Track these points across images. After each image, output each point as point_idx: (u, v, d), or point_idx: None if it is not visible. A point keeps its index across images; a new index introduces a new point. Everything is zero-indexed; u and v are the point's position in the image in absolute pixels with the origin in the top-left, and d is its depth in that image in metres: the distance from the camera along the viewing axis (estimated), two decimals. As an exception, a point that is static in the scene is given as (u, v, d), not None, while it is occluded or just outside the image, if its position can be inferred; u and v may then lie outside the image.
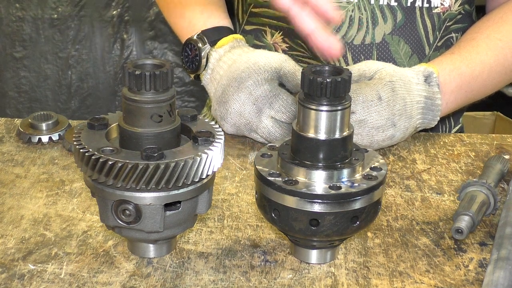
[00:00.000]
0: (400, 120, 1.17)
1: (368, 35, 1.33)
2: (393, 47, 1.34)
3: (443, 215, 1.02)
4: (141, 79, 0.81)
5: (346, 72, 0.83)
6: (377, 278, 0.87)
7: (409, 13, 1.33)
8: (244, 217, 1.00)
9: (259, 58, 1.22)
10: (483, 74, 1.28)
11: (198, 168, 0.81)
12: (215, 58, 1.28)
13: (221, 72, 1.26)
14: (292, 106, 1.17)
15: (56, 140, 1.20)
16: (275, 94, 1.18)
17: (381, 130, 1.15)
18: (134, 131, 0.83)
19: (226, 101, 1.21)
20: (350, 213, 0.83)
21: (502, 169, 1.11)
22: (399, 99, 1.16)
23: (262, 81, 1.19)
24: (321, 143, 0.83)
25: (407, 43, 1.34)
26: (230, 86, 1.21)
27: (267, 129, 1.18)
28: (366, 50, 1.33)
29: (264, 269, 0.88)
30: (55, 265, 0.88)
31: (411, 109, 1.18)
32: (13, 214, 0.99)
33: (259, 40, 1.39)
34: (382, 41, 1.33)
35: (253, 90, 1.18)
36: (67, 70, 2.90)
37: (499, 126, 2.82)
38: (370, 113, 1.14)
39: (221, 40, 1.29)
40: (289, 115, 1.17)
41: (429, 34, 1.35)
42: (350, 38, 1.33)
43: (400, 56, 1.35)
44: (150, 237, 0.86)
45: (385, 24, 1.32)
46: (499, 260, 0.86)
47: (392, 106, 1.15)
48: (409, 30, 1.34)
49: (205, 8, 1.37)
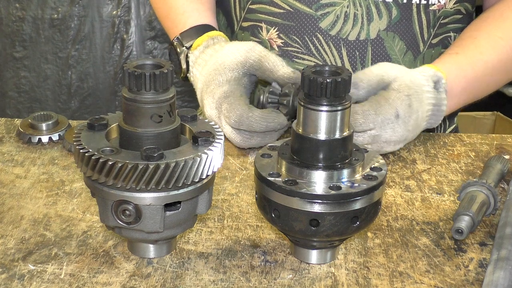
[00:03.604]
0: (410, 133, 1.18)
1: (363, 31, 1.33)
2: (388, 44, 1.34)
3: (443, 215, 1.02)
4: (141, 79, 0.81)
5: (346, 72, 0.83)
6: (377, 278, 0.87)
7: (405, 10, 1.33)
8: (244, 217, 1.00)
9: (226, 57, 1.22)
10: (486, 75, 1.28)
11: (198, 168, 0.81)
12: (192, 60, 1.29)
13: (197, 75, 1.27)
14: (235, 110, 1.14)
15: (56, 140, 1.20)
16: (226, 96, 1.17)
17: (393, 144, 1.16)
18: (134, 131, 0.83)
19: (203, 105, 1.23)
20: (350, 213, 0.83)
21: (502, 169, 1.11)
22: (414, 113, 1.16)
23: (223, 82, 1.19)
24: (321, 143, 0.83)
25: (402, 39, 1.35)
26: (202, 90, 1.23)
27: (228, 135, 1.17)
28: (360, 46, 1.34)
29: (264, 269, 0.88)
30: (55, 265, 0.88)
31: (422, 119, 1.19)
32: (13, 214, 0.99)
33: (255, 36, 1.40)
34: (377, 37, 1.34)
35: (215, 94, 1.19)
36: (67, 70, 2.90)
37: (499, 126, 2.82)
38: (386, 129, 1.14)
39: (196, 41, 1.30)
40: (232, 119, 1.14)
41: (424, 31, 1.35)
42: (345, 34, 1.33)
43: (395, 52, 1.35)
44: (150, 237, 0.86)
45: (380, 20, 1.33)
46: (499, 260, 0.86)
47: (407, 123, 1.15)
48: (404, 26, 1.34)
49: (186, 8, 1.38)
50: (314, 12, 1.33)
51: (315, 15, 1.33)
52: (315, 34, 1.34)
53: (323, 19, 1.33)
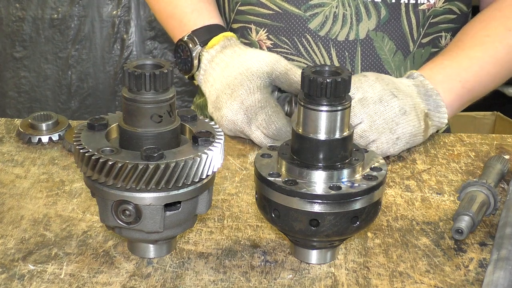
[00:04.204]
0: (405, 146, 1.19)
1: (352, 31, 1.33)
2: (377, 43, 1.34)
3: (443, 215, 1.02)
4: (141, 79, 0.81)
5: (346, 72, 0.83)
6: (377, 278, 0.87)
7: (394, 10, 1.33)
8: (244, 217, 1.00)
9: (251, 62, 1.22)
10: (480, 83, 1.29)
11: (198, 168, 0.81)
12: (207, 59, 1.28)
13: (214, 75, 1.26)
14: (275, 123, 1.16)
15: (56, 140, 1.20)
16: (262, 106, 1.18)
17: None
18: (134, 131, 0.83)
19: (220, 107, 1.21)
20: (350, 213, 0.83)
21: (502, 169, 1.11)
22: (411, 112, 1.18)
23: (254, 89, 1.19)
24: (321, 143, 0.83)
25: (391, 39, 1.35)
26: (223, 93, 1.21)
27: (258, 140, 1.18)
28: (350, 46, 1.34)
29: (264, 269, 0.88)
30: (55, 265, 0.88)
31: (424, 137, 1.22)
32: (13, 214, 0.99)
33: (244, 38, 1.39)
34: (366, 37, 1.34)
35: (244, 99, 1.19)
36: (67, 70, 2.90)
37: (499, 126, 2.82)
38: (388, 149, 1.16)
39: (211, 40, 1.29)
40: (270, 131, 1.16)
41: (413, 30, 1.35)
42: (334, 34, 1.33)
43: (384, 52, 1.35)
44: (150, 237, 0.86)
45: (369, 20, 1.33)
46: (499, 260, 0.86)
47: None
48: (393, 26, 1.34)
49: (195, 7, 1.37)
50: (303, 13, 1.33)
51: (304, 16, 1.33)
52: (304, 35, 1.34)
53: (312, 20, 1.33)
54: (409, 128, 1.16)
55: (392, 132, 1.13)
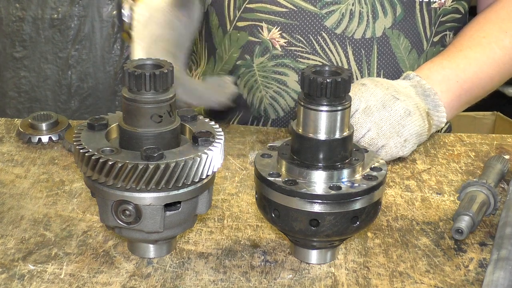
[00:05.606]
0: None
1: (368, 29, 1.33)
2: (393, 42, 1.34)
3: (443, 215, 1.02)
4: (141, 79, 0.81)
5: (346, 72, 0.83)
6: (377, 278, 0.87)
7: (409, 7, 1.33)
8: (244, 217, 1.00)
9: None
10: (478, 84, 1.30)
11: (198, 168, 0.81)
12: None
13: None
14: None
15: (56, 140, 1.20)
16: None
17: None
18: (134, 131, 0.83)
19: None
20: (350, 213, 0.83)
21: (502, 169, 1.11)
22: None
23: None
24: (321, 143, 0.83)
25: (407, 37, 1.35)
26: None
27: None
28: (367, 44, 1.33)
29: (264, 269, 0.88)
30: (55, 265, 0.88)
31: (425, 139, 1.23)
32: (13, 214, 0.99)
33: (254, 36, 1.38)
34: (382, 35, 1.33)
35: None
36: (67, 70, 2.90)
37: (499, 126, 2.82)
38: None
39: None
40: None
41: (427, 29, 1.35)
42: (351, 32, 1.33)
43: (400, 50, 1.35)
44: (150, 237, 0.86)
45: (385, 18, 1.32)
46: (499, 260, 0.86)
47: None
48: (408, 24, 1.34)
49: None
50: (318, 11, 1.32)
51: (320, 13, 1.32)
52: (320, 33, 1.33)
53: (328, 18, 1.32)
54: (415, 128, 1.16)
55: (399, 135, 1.14)
